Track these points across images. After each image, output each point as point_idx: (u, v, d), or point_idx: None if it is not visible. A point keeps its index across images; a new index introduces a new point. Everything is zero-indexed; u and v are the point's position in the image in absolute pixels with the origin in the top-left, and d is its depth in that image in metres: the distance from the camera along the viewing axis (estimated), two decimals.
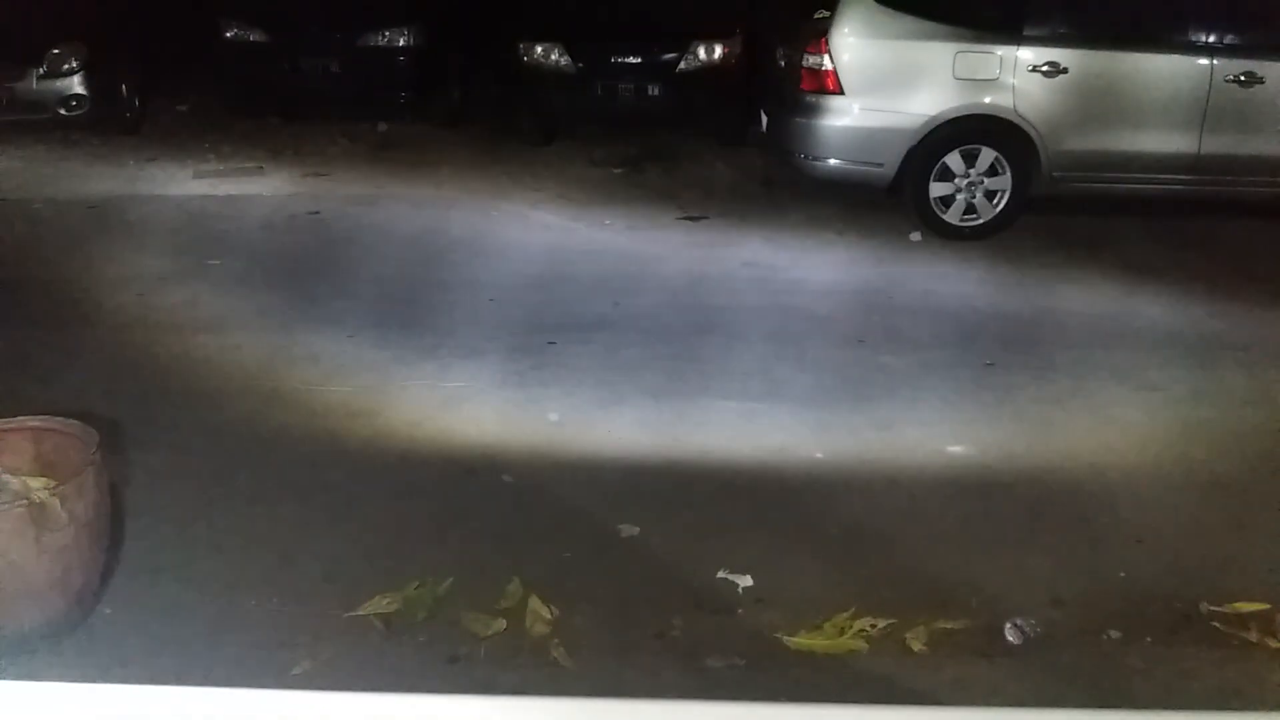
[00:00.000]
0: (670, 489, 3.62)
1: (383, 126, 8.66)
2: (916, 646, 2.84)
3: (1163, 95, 6.03)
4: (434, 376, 4.42)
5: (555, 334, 4.83)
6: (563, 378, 4.42)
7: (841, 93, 6.11)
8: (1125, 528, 3.40)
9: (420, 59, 8.32)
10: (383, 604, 2.95)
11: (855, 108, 6.13)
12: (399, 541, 3.29)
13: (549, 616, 2.91)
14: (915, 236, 6.24)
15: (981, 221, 6.20)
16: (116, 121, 8.14)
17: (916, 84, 6.06)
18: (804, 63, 6.21)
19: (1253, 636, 2.89)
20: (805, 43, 6.24)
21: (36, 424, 2.97)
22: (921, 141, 6.07)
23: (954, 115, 6.03)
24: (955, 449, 3.88)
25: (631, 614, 2.96)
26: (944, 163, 6.13)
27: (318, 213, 6.58)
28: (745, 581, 3.10)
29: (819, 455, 3.84)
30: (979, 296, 5.40)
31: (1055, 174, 6.11)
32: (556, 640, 2.85)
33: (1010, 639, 2.89)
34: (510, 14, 8.24)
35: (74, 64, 7.64)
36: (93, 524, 2.81)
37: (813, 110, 6.22)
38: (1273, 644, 2.87)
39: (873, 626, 2.89)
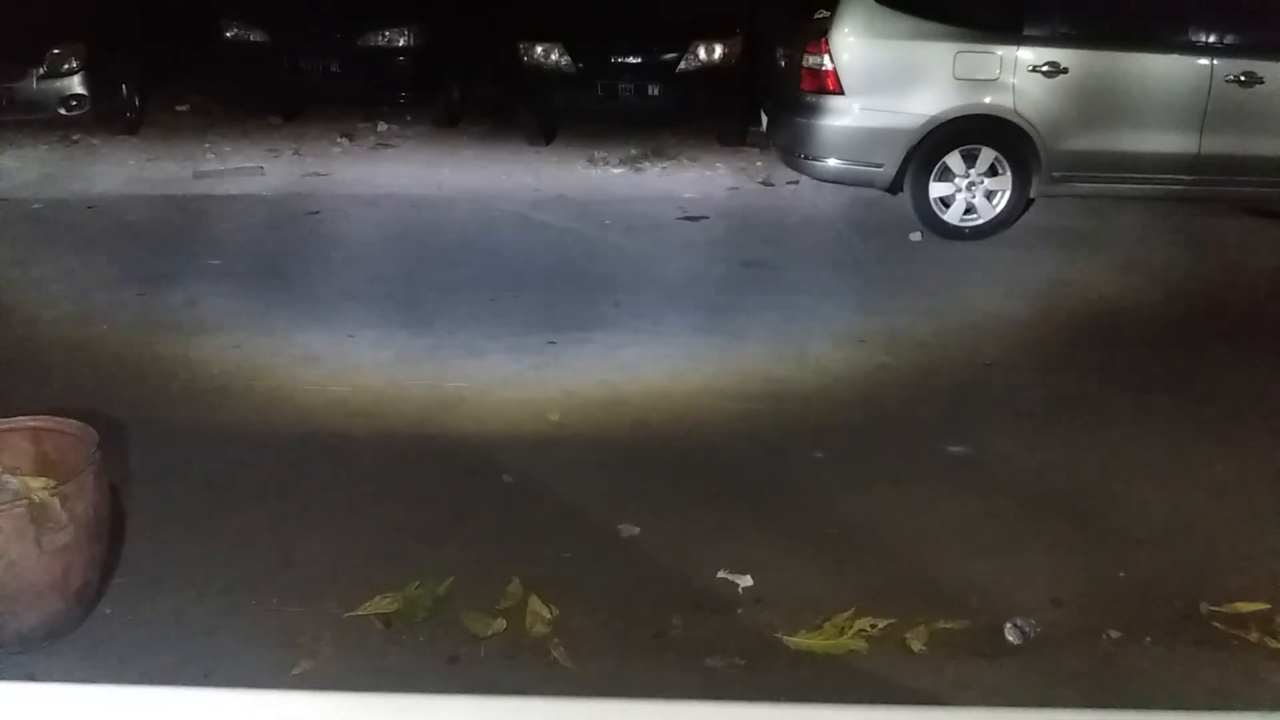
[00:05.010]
0: (670, 489, 3.63)
1: (383, 126, 8.66)
2: (916, 646, 2.84)
3: (1163, 95, 6.03)
4: (434, 376, 4.42)
5: (555, 334, 4.83)
6: (563, 378, 4.42)
7: (841, 93, 6.11)
8: (1125, 528, 3.40)
9: (420, 59, 8.32)
10: (383, 604, 2.95)
11: (855, 108, 6.13)
12: (399, 541, 3.29)
13: (549, 616, 2.91)
14: (915, 236, 6.24)
15: (981, 221, 6.20)
16: (116, 121, 8.14)
17: (916, 84, 6.06)
18: (804, 63, 6.21)
19: (1253, 636, 2.89)
20: (805, 43, 6.23)
21: (36, 424, 2.97)
22: (921, 141, 6.07)
23: (954, 115, 6.03)
24: (955, 449, 3.88)
25: (631, 614, 2.96)
26: (944, 163, 6.13)
27: (318, 213, 6.58)
28: (745, 581, 3.10)
29: (819, 455, 3.84)
30: (981, 297, 5.40)
31: (1055, 174, 6.11)
32: (556, 640, 2.85)
33: (1010, 639, 2.89)
34: (510, 14, 8.24)
35: (74, 64, 7.64)
36: (93, 524, 2.82)
37: (813, 110, 6.22)
38: (1273, 644, 2.87)
39: (873, 626, 2.89)
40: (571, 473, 3.72)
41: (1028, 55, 5.98)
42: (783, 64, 6.73)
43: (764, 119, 7.16)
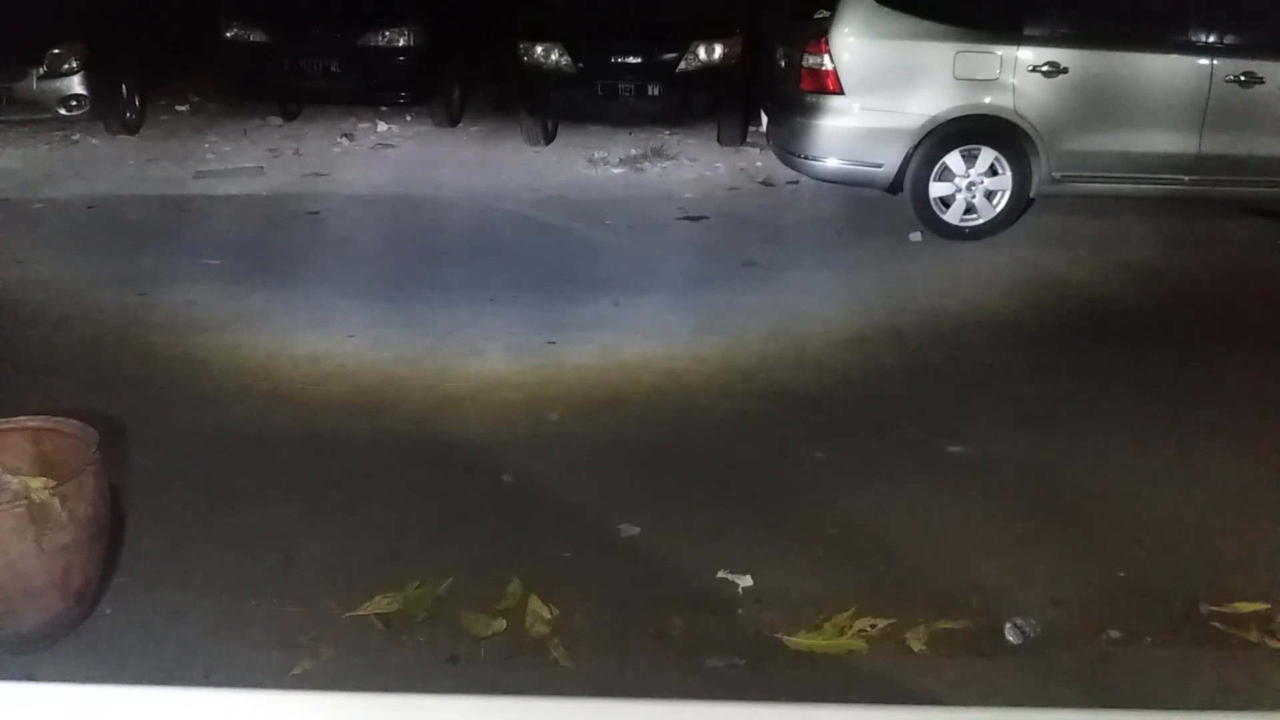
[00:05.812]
0: (670, 488, 3.63)
1: (383, 126, 8.66)
2: (916, 646, 2.84)
3: (1163, 95, 6.03)
4: (434, 376, 4.42)
5: (555, 334, 4.83)
6: (563, 377, 4.42)
7: (841, 93, 6.11)
8: (1125, 528, 3.40)
9: (420, 59, 8.31)
10: (383, 604, 2.96)
11: (855, 108, 6.13)
12: (399, 541, 3.29)
13: (549, 616, 2.92)
14: (915, 236, 6.24)
15: (981, 221, 6.19)
16: (116, 121, 8.13)
17: (916, 84, 6.06)
18: (804, 63, 6.20)
19: (1253, 636, 2.90)
20: (805, 43, 6.23)
21: (36, 424, 2.97)
22: (921, 142, 6.07)
23: (954, 115, 6.03)
24: (955, 449, 3.88)
25: (631, 614, 2.96)
26: (944, 163, 6.12)
27: (318, 213, 6.58)
28: (745, 581, 3.10)
29: (819, 455, 3.84)
30: (981, 297, 5.39)
31: (1055, 174, 6.11)
32: (556, 640, 2.85)
33: (1010, 639, 2.89)
34: (510, 14, 8.23)
35: (74, 64, 7.63)
36: (93, 524, 2.82)
37: (813, 110, 6.22)
38: (1273, 644, 2.87)
39: (873, 626, 2.89)
40: (571, 472, 3.72)
41: (1028, 55, 5.97)
42: (783, 64, 6.73)
43: (764, 119, 7.16)
